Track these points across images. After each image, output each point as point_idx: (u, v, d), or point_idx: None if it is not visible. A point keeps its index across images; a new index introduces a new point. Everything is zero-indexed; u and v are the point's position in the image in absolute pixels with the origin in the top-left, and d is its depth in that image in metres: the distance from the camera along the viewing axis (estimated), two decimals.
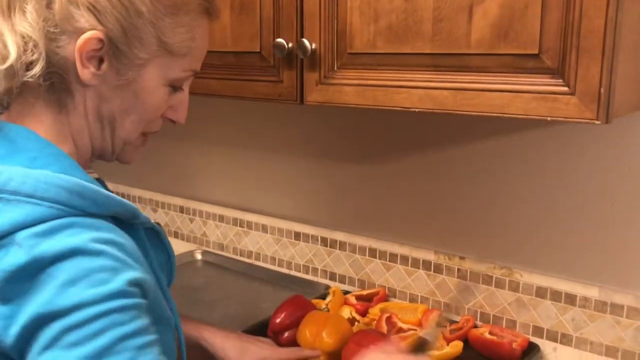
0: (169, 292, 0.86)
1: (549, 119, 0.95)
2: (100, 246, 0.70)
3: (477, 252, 1.45)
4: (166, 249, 0.91)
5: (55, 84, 0.78)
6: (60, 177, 0.73)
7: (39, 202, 0.70)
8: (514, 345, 1.31)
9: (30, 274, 0.67)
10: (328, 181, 1.67)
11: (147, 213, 2.06)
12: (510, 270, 1.39)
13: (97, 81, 0.79)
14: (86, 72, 0.77)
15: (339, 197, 1.66)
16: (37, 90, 0.78)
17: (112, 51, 0.77)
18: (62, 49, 0.76)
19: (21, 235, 0.68)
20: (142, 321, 0.70)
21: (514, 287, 1.39)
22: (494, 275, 1.41)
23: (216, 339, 1.09)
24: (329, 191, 1.68)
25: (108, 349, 0.66)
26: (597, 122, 0.91)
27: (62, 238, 0.69)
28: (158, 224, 0.87)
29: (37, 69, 0.75)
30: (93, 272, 0.68)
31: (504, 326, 1.41)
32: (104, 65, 0.78)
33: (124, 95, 0.81)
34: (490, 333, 1.37)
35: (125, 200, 0.79)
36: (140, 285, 0.71)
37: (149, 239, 0.85)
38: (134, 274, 0.71)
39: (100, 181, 0.86)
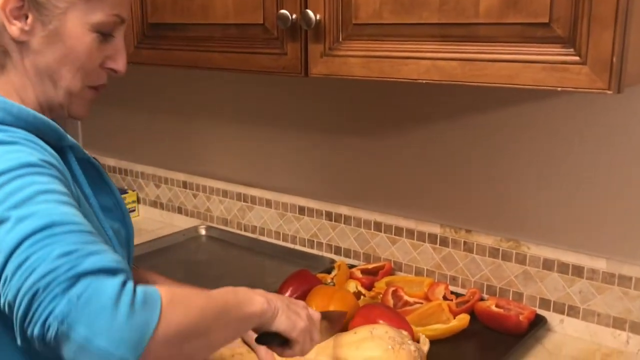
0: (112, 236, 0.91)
1: (559, 89, 0.93)
2: (15, 139, 0.78)
3: (483, 225, 1.44)
4: (110, 188, 0.95)
5: None
6: None
7: None
8: (521, 317, 1.31)
9: None
10: (332, 155, 1.66)
11: (150, 188, 2.06)
12: (517, 243, 1.38)
13: (27, 36, 0.85)
14: (14, 29, 0.84)
15: (343, 171, 1.65)
16: None
17: (33, 5, 0.84)
18: None
19: None
20: (61, 188, 0.75)
21: (521, 259, 1.38)
22: (501, 248, 1.41)
23: None
24: (334, 165, 1.66)
25: (28, 199, 0.71)
26: (608, 92, 0.89)
27: None
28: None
29: None
30: (7, 153, 0.75)
31: (510, 299, 1.41)
32: (29, 20, 0.84)
33: (55, 47, 0.86)
34: (497, 306, 1.36)
35: (50, 121, 0.85)
36: (56, 168, 0.78)
37: (85, 171, 0.90)
38: (51, 159, 0.78)
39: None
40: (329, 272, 1.53)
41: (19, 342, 0.68)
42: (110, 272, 0.68)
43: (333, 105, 1.62)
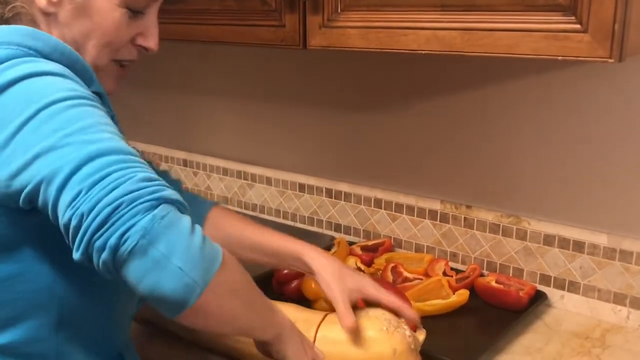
0: None
1: (559, 58, 0.92)
2: (63, 71, 0.77)
3: (484, 201, 1.43)
4: None
5: (21, 15, 0.85)
6: (17, 27, 0.81)
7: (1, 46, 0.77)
8: (521, 293, 1.30)
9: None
10: (332, 131, 1.65)
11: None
12: (517, 219, 1.37)
13: (54, 8, 0.84)
14: (42, 1, 0.84)
15: (343, 148, 1.64)
16: (5, 24, 0.83)
17: None
18: None
19: None
20: (114, 125, 0.76)
21: (522, 235, 1.37)
22: (501, 224, 1.40)
23: (320, 257, 1.06)
24: (333, 142, 1.65)
25: (91, 126, 0.72)
26: (610, 60, 0.88)
27: (21, 67, 0.75)
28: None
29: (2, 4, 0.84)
30: (59, 82, 0.75)
31: (510, 275, 1.40)
32: None
33: (82, 20, 0.85)
34: (497, 282, 1.35)
35: (85, 61, 0.83)
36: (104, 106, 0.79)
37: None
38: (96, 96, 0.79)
39: None
40: (329, 249, 1.52)
41: (76, 255, 0.69)
42: (184, 208, 0.73)
43: (333, 80, 1.61)
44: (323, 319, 1.04)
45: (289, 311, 1.02)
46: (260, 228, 1.14)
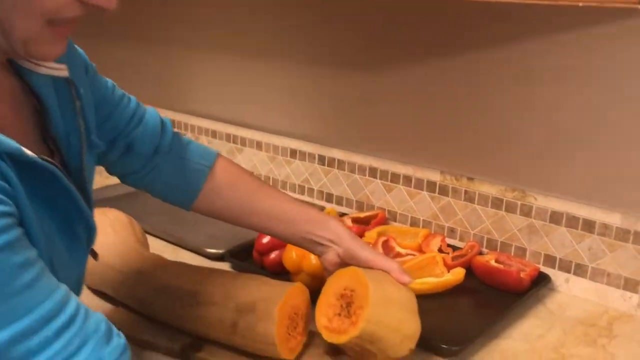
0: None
1: (580, 4, 0.80)
2: None
3: (487, 173, 1.31)
4: (68, 192, 0.73)
5: None
6: None
7: None
8: (522, 274, 1.19)
9: None
10: (327, 93, 1.53)
11: None
12: (523, 193, 1.26)
13: None
14: None
15: (338, 112, 1.52)
16: None
17: None
18: None
19: None
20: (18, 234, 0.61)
21: (527, 211, 1.25)
22: (505, 199, 1.28)
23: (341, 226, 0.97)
24: (328, 105, 1.53)
25: None
26: (639, 6, 0.76)
27: None
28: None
29: None
30: None
31: (512, 254, 1.29)
32: None
33: None
34: (497, 261, 1.24)
35: None
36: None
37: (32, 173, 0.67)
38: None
39: None
40: None
41: None
42: None
43: (328, 39, 1.48)
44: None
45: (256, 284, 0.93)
46: (272, 191, 1.03)
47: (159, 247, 1.36)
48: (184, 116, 1.82)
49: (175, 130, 1.03)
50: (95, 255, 0.84)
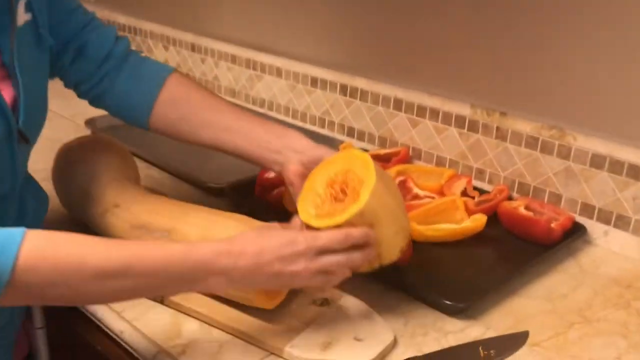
0: None
1: None
2: None
3: (522, 107, 1.15)
4: None
5: None
6: None
7: None
8: (553, 224, 1.04)
9: None
10: (352, 17, 1.38)
11: (159, 50, 1.84)
12: (561, 132, 1.10)
13: None
14: None
15: (363, 37, 1.37)
16: None
17: None
18: None
19: None
20: None
21: (565, 153, 1.10)
22: (541, 137, 1.12)
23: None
24: (352, 29, 1.39)
25: None
26: None
27: None
28: None
29: None
30: None
31: (545, 201, 1.14)
32: None
33: None
34: (527, 208, 1.10)
35: None
36: None
37: None
38: None
39: None
40: None
41: None
42: None
43: None
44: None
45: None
46: (230, 105, 0.96)
47: (159, 179, 1.27)
48: (207, 40, 1.71)
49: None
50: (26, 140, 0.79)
